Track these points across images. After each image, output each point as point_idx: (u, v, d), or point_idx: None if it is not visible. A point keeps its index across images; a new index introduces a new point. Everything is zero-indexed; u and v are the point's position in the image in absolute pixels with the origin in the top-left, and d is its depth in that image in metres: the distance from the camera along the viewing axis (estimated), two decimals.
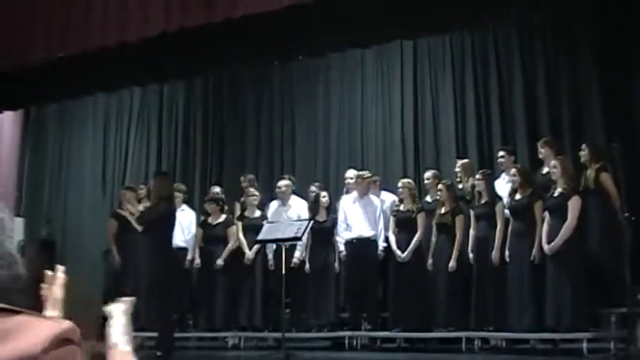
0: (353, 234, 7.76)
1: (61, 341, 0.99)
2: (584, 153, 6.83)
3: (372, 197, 7.94)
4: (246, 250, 8.02)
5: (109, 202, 10.22)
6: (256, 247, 7.93)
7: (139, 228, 7.41)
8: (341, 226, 7.85)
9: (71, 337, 1.01)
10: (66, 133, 10.90)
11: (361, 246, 7.70)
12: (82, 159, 10.78)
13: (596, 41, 7.95)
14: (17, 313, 1.01)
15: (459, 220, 7.23)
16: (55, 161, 10.89)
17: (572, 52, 8.18)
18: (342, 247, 7.78)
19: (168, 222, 7.09)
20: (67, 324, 1.03)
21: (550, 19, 8.21)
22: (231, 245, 8.16)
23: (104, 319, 1.46)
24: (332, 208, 8.04)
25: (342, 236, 7.81)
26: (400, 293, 7.42)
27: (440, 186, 7.42)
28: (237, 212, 8.43)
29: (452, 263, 7.11)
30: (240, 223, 8.21)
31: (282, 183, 8.31)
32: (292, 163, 9.84)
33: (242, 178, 8.77)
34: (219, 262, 8.10)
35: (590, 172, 6.70)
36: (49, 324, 1.01)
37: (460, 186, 7.65)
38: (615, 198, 6.50)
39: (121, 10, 6.27)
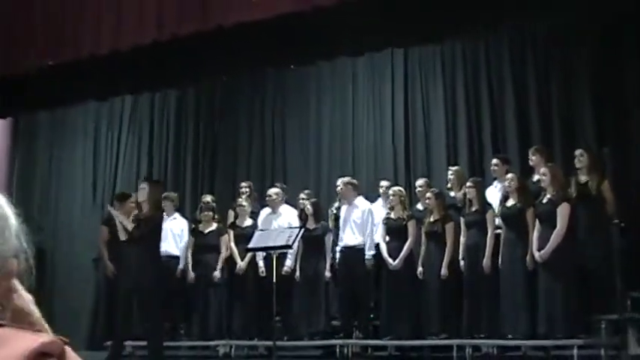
0: (342, 242, 7.76)
1: (40, 355, 0.95)
2: (582, 159, 6.83)
3: (359, 203, 7.90)
4: (238, 260, 7.99)
5: (99, 210, 10.16)
6: (248, 256, 7.88)
7: (124, 237, 7.14)
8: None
9: (51, 351, 0.97)
10: (56, 141, 10.84)
11: (349, 254, 7.69)
12: (72, 167, 10.72)
13: (586, 48, 7.98)
14: None
15: (449, 228, 7.22)
16: (45, 169, 10.82)
17: (563, 59, 8.22)
18: (338, 255, 7.78)
19: (159, 231, 7.08)
20: (47, 338, 0.98)
21: (542, 27, 8.25)
22: (224, 254, 8.12)
23: None
24: (321, 216, 8.03)
25: (338, 244, 7.82)
26: (392, 301, 7.41)
27: (428, 194, 7.40)
28: (231, 219, 8.40)
29: (443, 271, 7.10)
30: (231, 232, 8.18)
31: (273, 191, 8.29)
32: (284, 171, 9.83)
33: (243, 184, 8.72)
34: (217, 274, 8.03)
35: (592, 182, 6.70)
36: (28, 338, 0.97)
37: (452, 193, 7.65)
38: (611, 205, 6.52)
39: (114, 18, 6.26)
